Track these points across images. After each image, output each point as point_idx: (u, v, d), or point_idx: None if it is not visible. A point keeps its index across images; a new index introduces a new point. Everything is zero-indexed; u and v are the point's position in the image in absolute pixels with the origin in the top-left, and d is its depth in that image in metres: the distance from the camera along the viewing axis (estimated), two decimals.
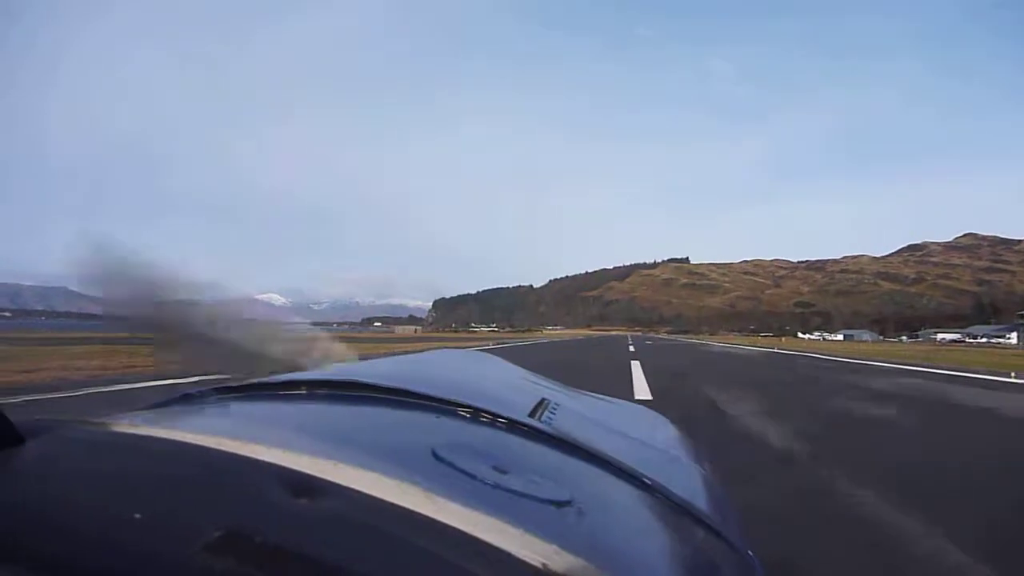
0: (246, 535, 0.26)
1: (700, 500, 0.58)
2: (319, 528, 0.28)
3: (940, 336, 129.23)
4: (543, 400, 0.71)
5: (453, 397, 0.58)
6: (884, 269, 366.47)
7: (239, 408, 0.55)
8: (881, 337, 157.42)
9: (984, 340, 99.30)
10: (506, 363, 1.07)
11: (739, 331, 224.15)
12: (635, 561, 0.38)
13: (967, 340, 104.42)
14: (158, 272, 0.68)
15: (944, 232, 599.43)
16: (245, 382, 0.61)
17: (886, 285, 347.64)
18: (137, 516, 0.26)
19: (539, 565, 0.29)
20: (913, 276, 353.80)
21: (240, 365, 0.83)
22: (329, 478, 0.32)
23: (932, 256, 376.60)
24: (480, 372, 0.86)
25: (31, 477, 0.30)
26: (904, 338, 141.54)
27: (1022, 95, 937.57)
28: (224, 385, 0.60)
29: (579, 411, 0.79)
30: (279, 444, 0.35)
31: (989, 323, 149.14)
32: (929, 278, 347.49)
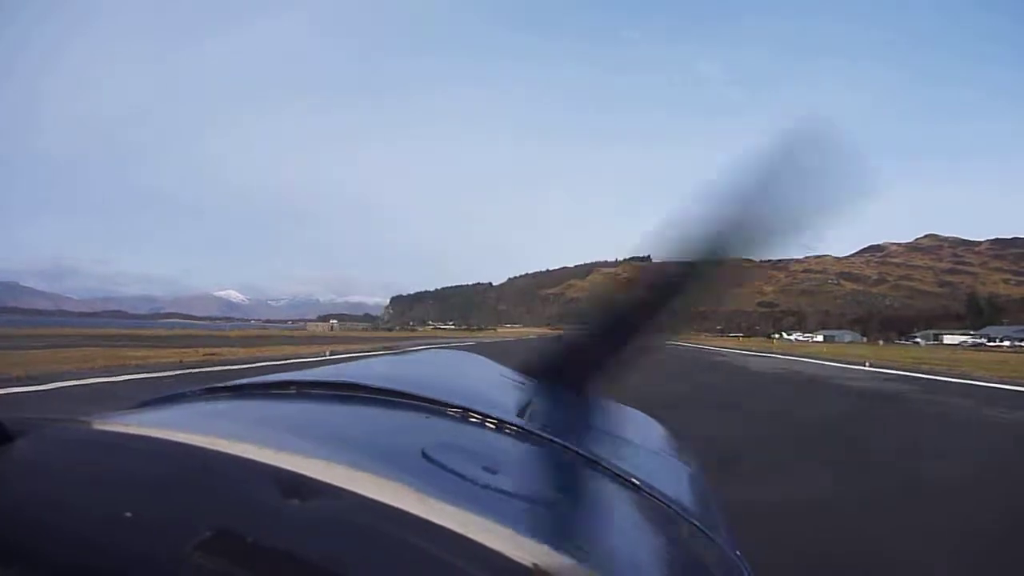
0: (237, 535, 0.26)
1: (688, 501, 0.58)
2: (310, 528, 0.28)
3: (957, 340, 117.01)
4: (532, 400, 0.72)
5: (443, 397, 0.58)
6: (847, 269, 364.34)
7: (230, 407, 0.54)
8: (864, 338, 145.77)
9: (1007, 343, 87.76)
10: (495, 364, 1.05)
11: (706, 331, 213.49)
12: (624, 561, 0.38)
13: (987, 343, 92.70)
14: None
15: (904, 233, 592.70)
16: (235, 382, 0.61)
17: (849, 285, 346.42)
18: (127, 515, 0.26)
19: (529, 565, 0.29)
20: (875, 277, 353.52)
21: None
22: (320, 478, 0.32)
23: (893, 257, 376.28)
24: (470, 372, 0.86)
25: (19, 476, 0.30)
26: (923, 341, 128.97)
27: (982, 97, 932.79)
28: (214, 384, 0.59)
29: (569, 412, 0.80)
30: (270, 444, 0.35)
31: (1002, 324, 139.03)
32: (891, 279, 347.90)
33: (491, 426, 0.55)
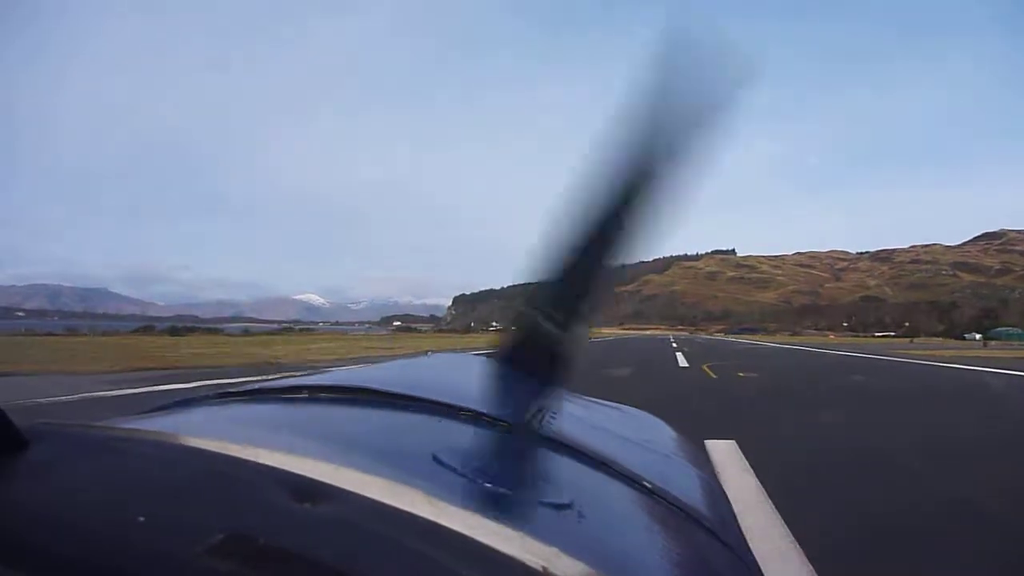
0: (249, 538, 0.26)
1: (699, 503, 0.57)
2: (321, 531, 0.28)
3: None
4: (543, 404, 0.71)
5: (453, 400, 0.58)
6: (961, 259, 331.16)
7: (241, 412, 0.55)
8: None
9: None
10: None
11: (824, 330, 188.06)
12: (635, 564, 0.37)
13: None
14: None
15: (1021, 219, 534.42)
16: (247, 387, 0.61)
17: (967, 277, 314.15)
18: (140, 519, 0.26)
19: (539, 568, 0.28)
20: (997, 267, 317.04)
21: None
22: (331, 482, 0.32)
23: (1014, 244, 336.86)
24: (480, 375, 0.87)
25: (34, 480, 0.30)
26: None
27: None
28: (226, 389, 0.60)
29: (579, 415, 0.80)
30: (281, 448, 0.35)
31: None
32: (1017, 268, 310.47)
33: (502, 429, 0.55)
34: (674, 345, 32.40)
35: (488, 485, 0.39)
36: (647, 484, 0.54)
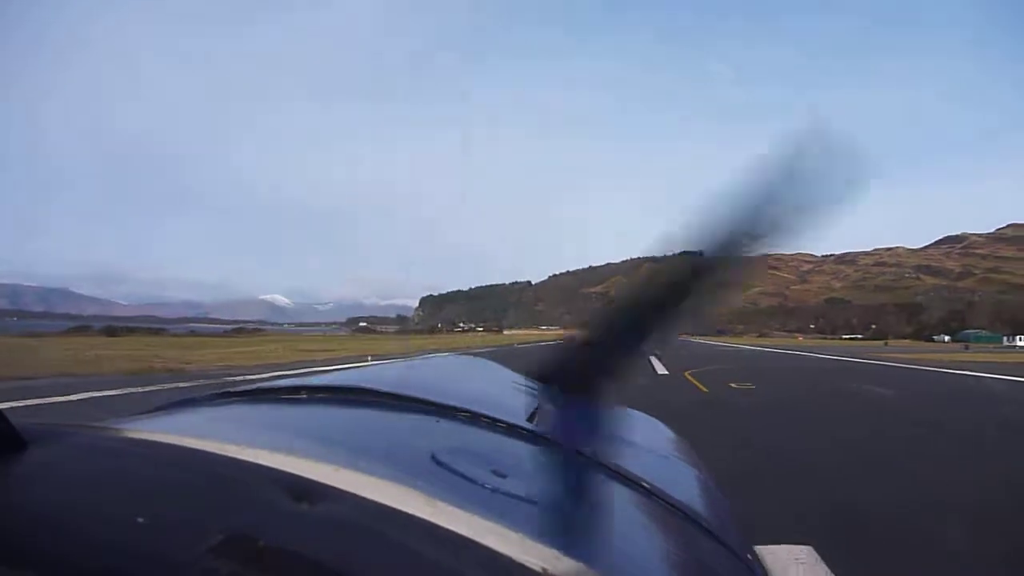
0: (248, 539, 0.26)
1: (699, 504, 0.57)
2: (320, 532, 0.28)
3: None
4: (541, 405, 0.71)
5: (452, 402, 0.58)
6: (924, 262, 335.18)
7: (241, 413, 0.55)
8: None
9: None
10: (505, 368, 1.06)
11: (792, 331, 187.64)
12: (635, 566, 0.37)
13: None
14: None
15: (984, 223, 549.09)
16: (246, 387, 0.61)
17: (930, 280, 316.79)
18: (139, 520, 0.26)
19: (539, 570, 0.28)
20: (959, 270, 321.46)
21: None
22: (330, 482, 0.32)
23: (976, 248, 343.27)
24: (479, 377, 0.87)
25: (34, 481, 0.30)
26: None
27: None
28: (225, 390, 0.60)
29: (578, 416, 0.79)
30: (281, 448, 0.35)
31: None
32: (977, 272, 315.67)
33: (501, 430, 0.56)
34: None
35: (487, 486, 0.39)
36: (645, 485, 0.54)
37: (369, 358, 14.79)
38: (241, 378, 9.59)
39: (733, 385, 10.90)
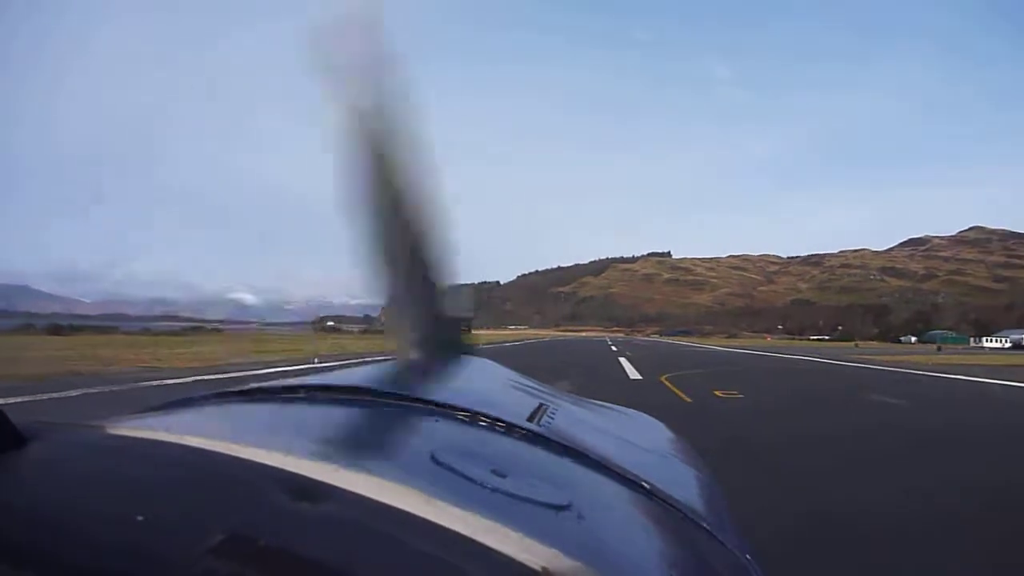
0: (247, 538, 0.26)
1: (698, 504, 0.57)
2: (320, 531, 0.28)
3: None
4: (541, 405, 0.72)
5: (452, 401, 0.58)
6: (889, 264, 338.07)
7: (240, 411, 0.55)
8: None
9: None
10: (504, 368, 1.08)
11: (760, 332, 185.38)
12: (634, 565, 0.37)
13: None
14: None
15: (947, 225, 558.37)
16: (245, 386, 0.61)
17: (894, 282, 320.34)
18: (139, 519, 0.26)
19: (538, 569, 0.29)
20: (922, 272, 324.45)
21: None
22: (329, 482, 0.32)
23: (938, 250, 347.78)
24: (478, 377, 0.88)
25: (32, 479, 0.30)
26: None
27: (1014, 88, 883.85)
28: (225, 389, 0.60)
29: (577, 416, 0.79)
30: (280, 448, 0.35)
31: None
32: (940, 274, 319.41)
33: (500, 430, 0.55)
34: (614, 349, 29.99)
35: (487, 486, 0.38)
36: (645, 485, 0.54)
37: (316, 360, 14.53)
38: (158, 383, 8.89)
39: (718, 393, 9.80)
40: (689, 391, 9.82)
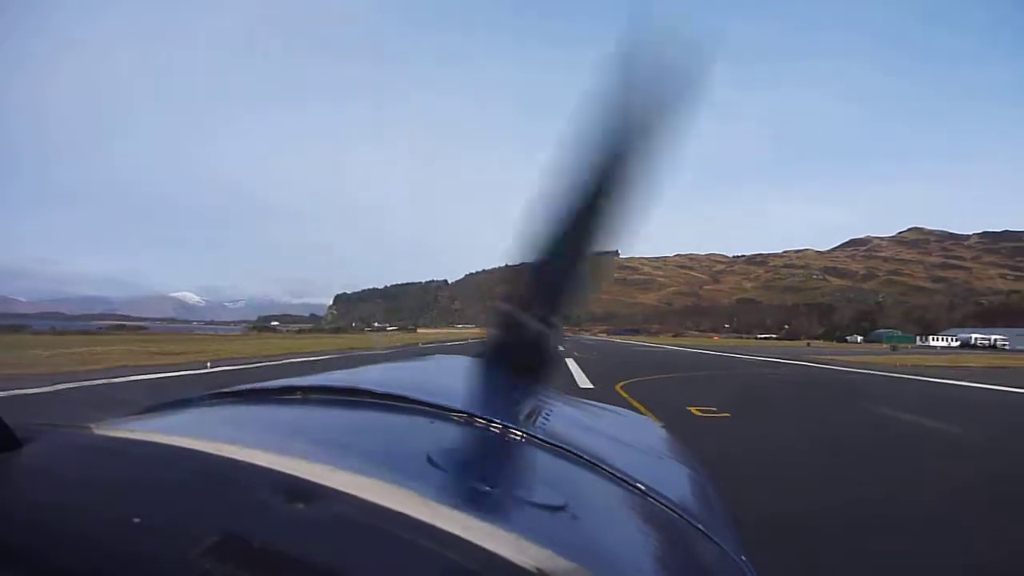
0: (243, 539, 0.26)
1: (693, 505, 0.58)
2: (315, 533, 0.28)
3: None
4: (536, 406, 0.71)
5: (447, 402, 0.58)
6: (831, 264, 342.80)
7: (234, 413, 0.55)
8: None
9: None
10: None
11: (707, 331, 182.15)
12: (629, 566, 0.37)
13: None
14: None
15: (887, 227, 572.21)
16: (240, 387, 0.61)
17: (836, 281, 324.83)
18: (134, 520, 0.26)
19: (533, 570, 0.29)
20: (863, 272, 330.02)
21: None
22: (324, 483, 0.32)
23: (878, 251, 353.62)
24: (474, 377, 0.88)
25: (27, 481, 0.30)
26: None
27: (954, 91, 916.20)
28: (219, 390, 0.60)
29: (571, 417, 0.79)
30: (275, 449, 0.35)
31: None
32: (880, 274, 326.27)
33: (495, 431, 0.55)
34: (560, 349, 18.62)
35: (482, 487, 0.39)
36: (640, 486, 0.54)
37: (208, 364, 13.43)
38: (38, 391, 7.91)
39: (694, 410, 7.54)
40: (658, 409, 7.57)
